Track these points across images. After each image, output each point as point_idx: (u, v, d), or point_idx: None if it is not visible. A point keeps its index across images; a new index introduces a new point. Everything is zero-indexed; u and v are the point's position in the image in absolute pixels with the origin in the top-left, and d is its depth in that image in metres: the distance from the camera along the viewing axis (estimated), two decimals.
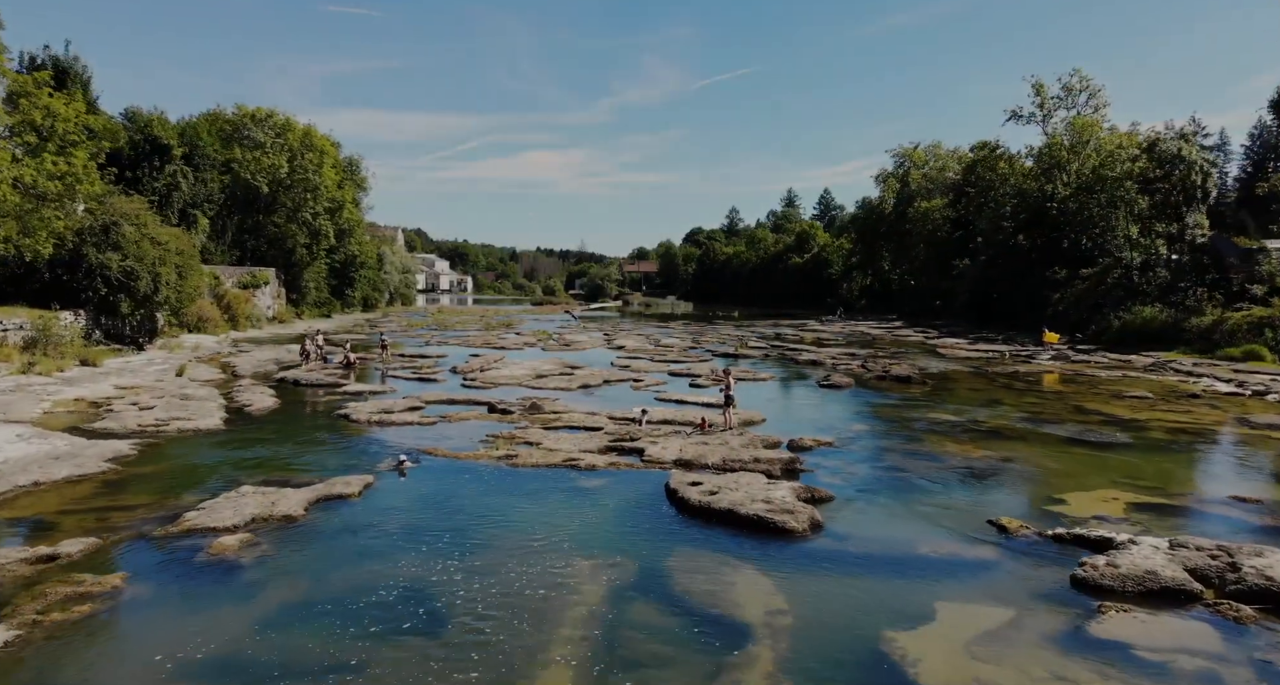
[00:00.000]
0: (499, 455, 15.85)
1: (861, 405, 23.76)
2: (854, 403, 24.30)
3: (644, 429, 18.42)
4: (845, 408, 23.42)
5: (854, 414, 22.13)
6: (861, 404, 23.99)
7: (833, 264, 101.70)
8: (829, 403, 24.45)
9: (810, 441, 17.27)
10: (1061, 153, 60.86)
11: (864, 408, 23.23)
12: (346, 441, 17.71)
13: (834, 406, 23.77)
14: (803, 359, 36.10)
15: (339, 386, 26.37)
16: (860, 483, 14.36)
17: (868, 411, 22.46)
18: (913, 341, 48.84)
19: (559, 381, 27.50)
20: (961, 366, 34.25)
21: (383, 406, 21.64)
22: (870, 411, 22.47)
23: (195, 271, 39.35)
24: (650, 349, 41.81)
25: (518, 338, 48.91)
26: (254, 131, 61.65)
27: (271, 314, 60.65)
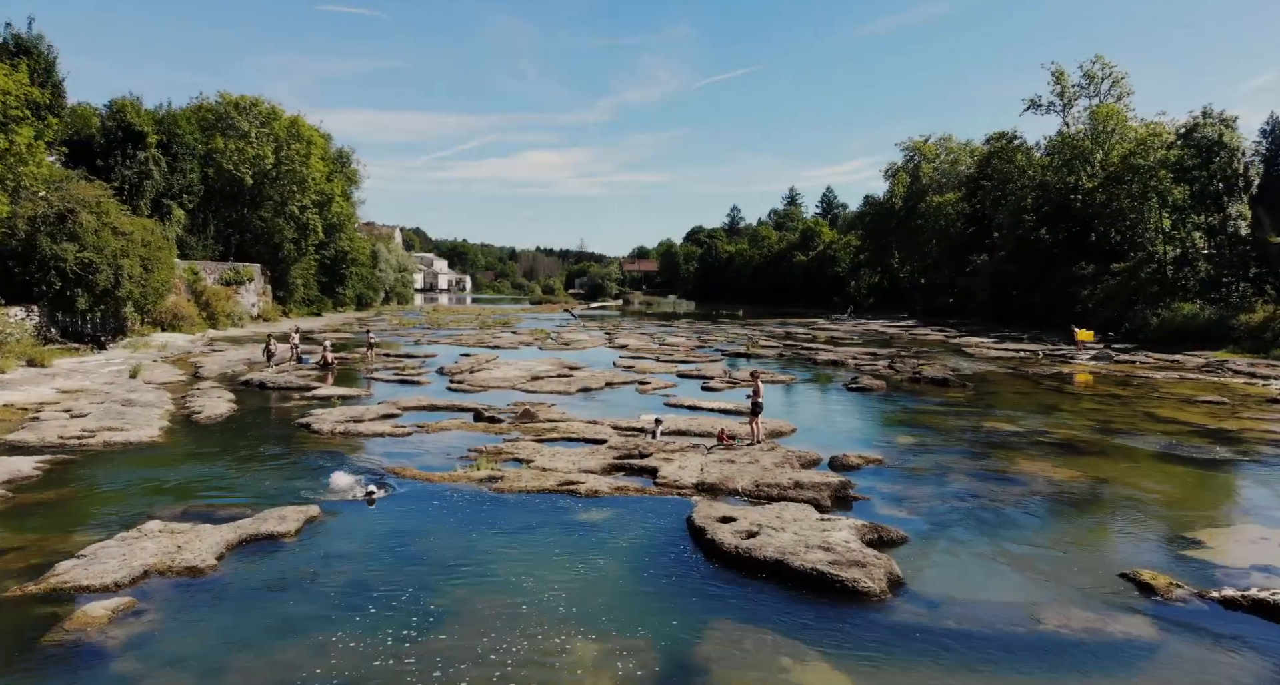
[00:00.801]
0: (481, 477, 12.95)
1: (900, 412, 20.85)
2: (890, 409, 21.40)
3: (657, 442, 15.52)
4: (882, 415, 20.51)
5: (895, 423, 19.22)
6: (900, 410, 21.08)
7: (839, 261, 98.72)
8: (862, 409, 21.56)
9: (856, 459, 14.35)
10: (1085, 142, 58.00)
11: (904, 415, 20.32)
12: (299, 458, 14.80)
13: (869, 413, 20.87)
14: (821, 359, 33.19)
15: (309, 390, 23.47)
16: (932, 515, 11.45)
17: (910, 420, 19.55)
18: (933, 340, 45.93)
19: (556, 384, 24.61)
20: (995, 367, 31.34)
21: (352, 414, 18.74)
22: (912, 419, 19.56)
23: (164, 265, 36.45)
24: (655, 348, 38.92)
25: (514, 337, 46.00)
26: (238, 120, 58.66)
27: (256, 312, 57.77)
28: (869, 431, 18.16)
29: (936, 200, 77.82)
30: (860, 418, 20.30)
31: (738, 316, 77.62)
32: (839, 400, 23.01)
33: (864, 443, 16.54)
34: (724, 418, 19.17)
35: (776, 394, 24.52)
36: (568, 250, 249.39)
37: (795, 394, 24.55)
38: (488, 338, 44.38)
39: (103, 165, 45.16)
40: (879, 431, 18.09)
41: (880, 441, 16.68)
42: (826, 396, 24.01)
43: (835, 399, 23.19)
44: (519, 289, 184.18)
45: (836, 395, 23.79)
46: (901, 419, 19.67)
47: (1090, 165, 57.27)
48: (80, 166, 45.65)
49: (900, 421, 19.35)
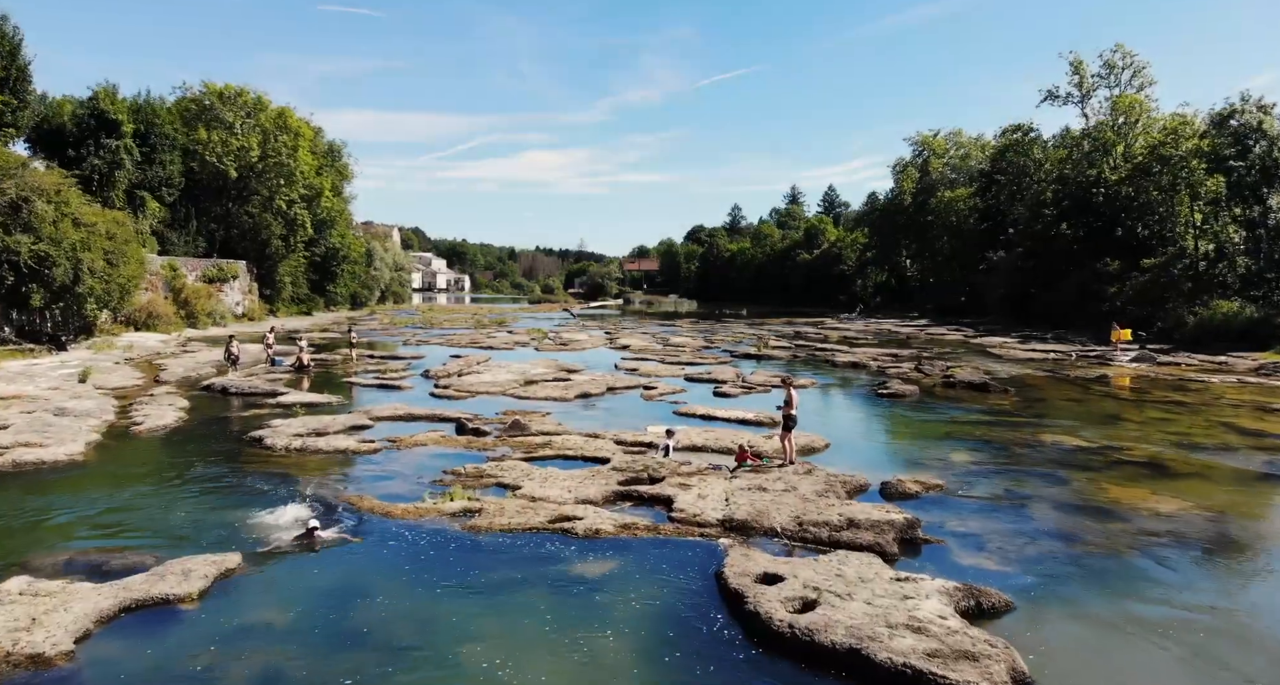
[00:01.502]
0: (454, 510, 10.43)
1: (943, 422, 18.33)
2: (931, 418, 18.89)
3: (670, 461, 13.00)
4: (924, 426, 17.98)
5: (942, 436, 16.70)
6: (942, 420, 18.56)
7: (845, 260, 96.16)
8: (899, 419, 19.04)
9: (913, 484, 11.83)
10: (1107, 133, 55.49)
11: (949, 426, 17.80)
12: (239, 482, 12.28)
13: (908, 424, 18.35)
14: (840, 361, 30.66)
15: (276, 396, 20.96)
16: (1029, 564, 8.94)
17: (958, 432, 17.03)
18: (951, 341, 43.43)
19: (552, 389, 22.08)
20: (1029, 370, 28.83)
21: (314, 426, 16.22)
22: (961, 432, 17.04)
23: (132, 259, 33.93)
24: (659, 349, 36.41)
25: (509, 337, 43.49)
26: (222, 111, 56.13)
27: (241, 311, 55.28)
28: (914, 447, 15.64)
29: (948, 196, 75.27)
30: (899, 429, 17.78)
31: (741, 316, 75.14)
32: (870, 408, 20.48)
33: (913, 462, 14.03)
34: (743, 430, 16.66)
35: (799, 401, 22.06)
36: (567, 250, 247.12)
37: (820, 400, 22.04)
38: (481, 338, 41.88)
39: (74, 155, 42.72)
40: (926, 447, 15.57)
41: (932, 460, 14.15)
42: (855, 403, 21.48)
43: (866, 407, 20.66)
44: (518, 289, 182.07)
45: (866, 402, 21.26)
46: (948, 431, 17.14)
47: (1112, 157, 54.77)
48: (53, 157, 43.49)
49: (947, 434, 16.82)
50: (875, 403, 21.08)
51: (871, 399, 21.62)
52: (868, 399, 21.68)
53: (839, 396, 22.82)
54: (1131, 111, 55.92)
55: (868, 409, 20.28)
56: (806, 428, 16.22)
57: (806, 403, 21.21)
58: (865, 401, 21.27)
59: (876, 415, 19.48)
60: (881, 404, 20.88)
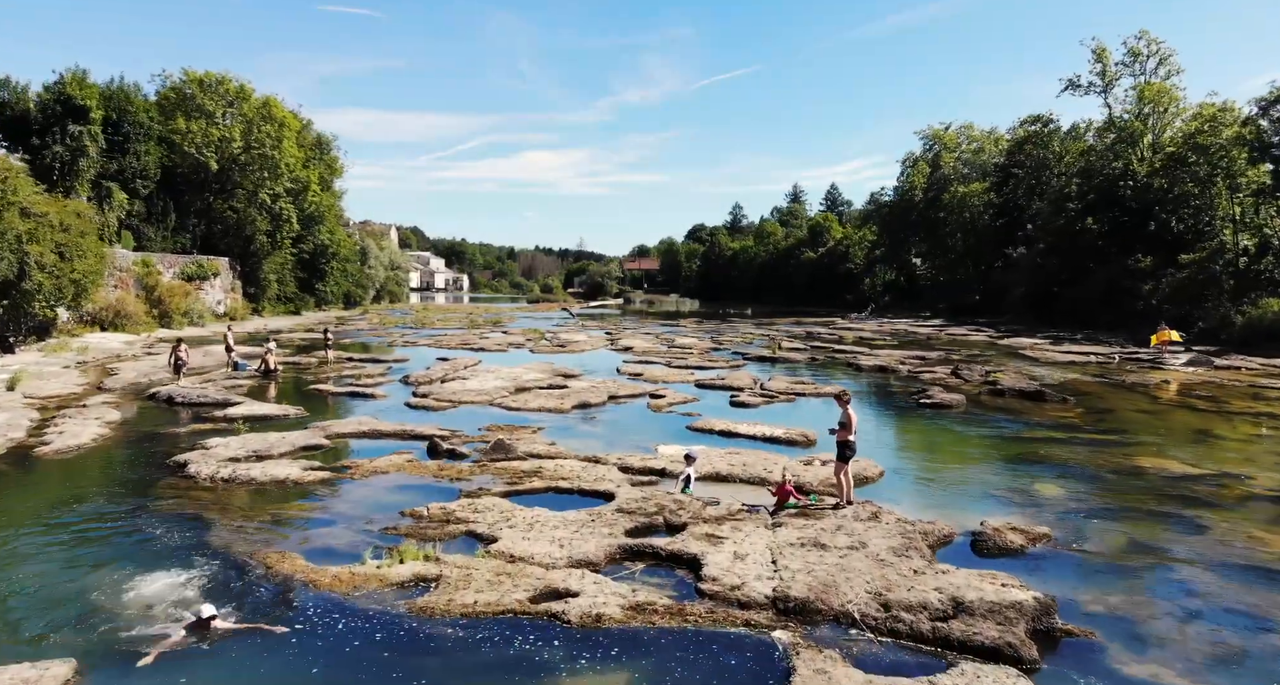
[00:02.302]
0: (403, 577, 7.63)
1: (1007, 439, 15.54)
2: (990, 434, 16.09)
3: (691, 497, 10.18)
4: (987, 445, 15.17)
5: (1014, 458, 13.89)
6: (1005, 437, 15.76)
7: (852, 258, 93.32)
8: (954, 435, 16.23)
9: (1012, 534, 9.03)
10: (1134, 123, 52.72)
11: (1016, 444, 15.01)
12: (132, 529, 9.48)
13: (967, 442, 15.54)
14: (865, 364, 27.83)
15: (227, 406, 18.15)
16: (1231, 674, 6.13)
17: (1030, 453, 14.22)
18: (976, 342, 40.62)
19: (546, 399, 19.26)
20: (1076, 375, 26.02)
21: (258, 446, 13.42)
22: (1034, 452, 14.24)
23: (89, 254, 31.09)
24: (664, 351, 33.61)
25: (503, 337, 40.70)
26: (202, 100, 53.29)
27: (223, 310, 52.45)
28: (987, 474, 12.82)
29: (961, 191, 72.42)
30: (959, 450, 14.96)
31: (746, 315, 72.32)
32: (916, 422, 17.65)
33: (993, 497, 11.23)
34: (773, 451, 13.86)
35: (828, 410, 19.23)
36: (567, 250, 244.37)
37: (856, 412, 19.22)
38: (474, 339, 39.08)
39: (39, 143, 39.98)
40: (1000, 473, 12.77)
41: (1015, 494, 11.36)
42: (897, 416, 18.62)
43: (910, 420, 17.82)
44: (517, 288, 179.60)
45: (909, 414, 18.42)
46: (1019, 452, 14.33)
47: (1140, 148, 52.01)
48: (18, 146, 40.74)
49: (1020, 456, 14.01)
50: (919, 415, 18.26)
51: (914, 410, 18.79)
52: (910, 410, 18.83)
53: (876, 407, 19.98)
54: (1160, 100, 53.12)
55: (913, 423, 17.45)
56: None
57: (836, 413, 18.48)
58: (908, 414, 18.42)
59: (926, 431, 16.65)
60: (926, 416, 18.06)
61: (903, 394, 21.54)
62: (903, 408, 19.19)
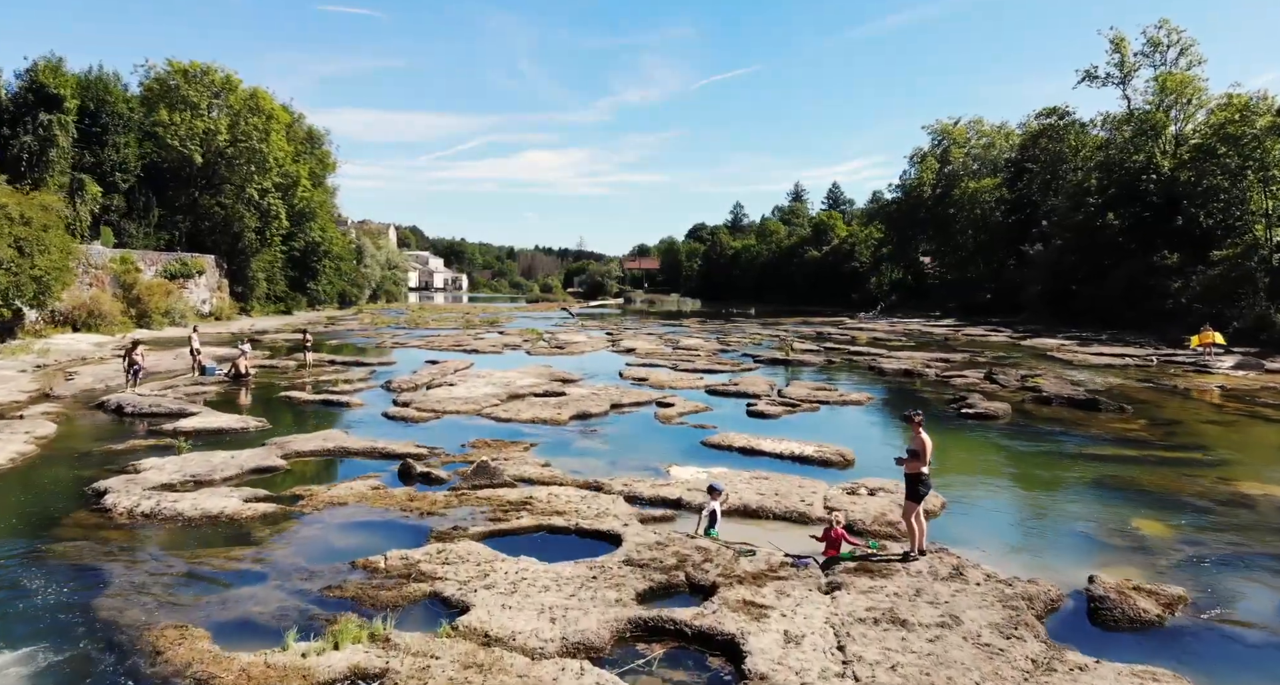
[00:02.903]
0: (336, 674, 5.55)
1: (1073, 458, 13.46)
2: (1052, 452, 14.03)
3: (718, 544, 8.08)
4: (1052, 465, 13.09)
5: (1090, 483, 11.81)
6: (1070, 455, 13.69)
7: (858, 256, 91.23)
8: (1010, 452, 14.16)
9: (1136, 596, 6.95)
10: (1157, 115, 50.64)
11: (1087, 465, 12.94)
12: (6, 584, 7.40)
13: (1029, 462, 13.46)
14: (889, 368, 25.74)
15: (182, 416, 16.10)
16: None
17: (1108, 476, 12.14)
18: (997, 343, 38.54)
19: (541, 409, 17.17)
20: (1118, 379, 23.95)
21: (199, 469, 11.35)
22: (1110, 476, 12.16)
23: (53, 249, 29.00)
24: (668, 353, 31.55)
25: (499, 338, 38.63)
26: (186, 91, 51.18)
27: (208, 309, 50.41)
28: (1066, 503, 10.76)
29: (972, 186, 70.29)
30: (1023, 472, 12.88)
31: (750, 315, 70.19)
32: (961, 436, 15.54)
33: (1084, 536, 9.18)
34: (806, 473, 11.78)
35: (860, 421, 17.17)
36: (567, 249, 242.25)
37: (892, 424, 17.17)
38: (468, 340, 37.01)
39: (8, 133, 37.94)
40: (1084, 503, 10.69)
41: (1113, 532, 9.30)
42: (938, 428, 16.38)
43: (955, 434, 15.70)
44: (516, 288, 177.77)
45: (951, 426, 16.31)
46: (1093, 474, 12.25)
47: (1163, 141, 49.97)
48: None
49: (1096, 479, 11.92)
50: (962, 427, 16.17)
51: (954, 421, 16.70)
52: (950, 421, 16.74)
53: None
54: (1182, 91, 51.01)
55: (958, 437, 15.34)
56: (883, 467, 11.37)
57: (871, 423, 16.42)
58: (949, 426, 16.32)
59: (976, 446, 14.56)
60: (972, 429, 15.98)
61: (936, 401, 19.46)
62: (942, 418, 17.10)
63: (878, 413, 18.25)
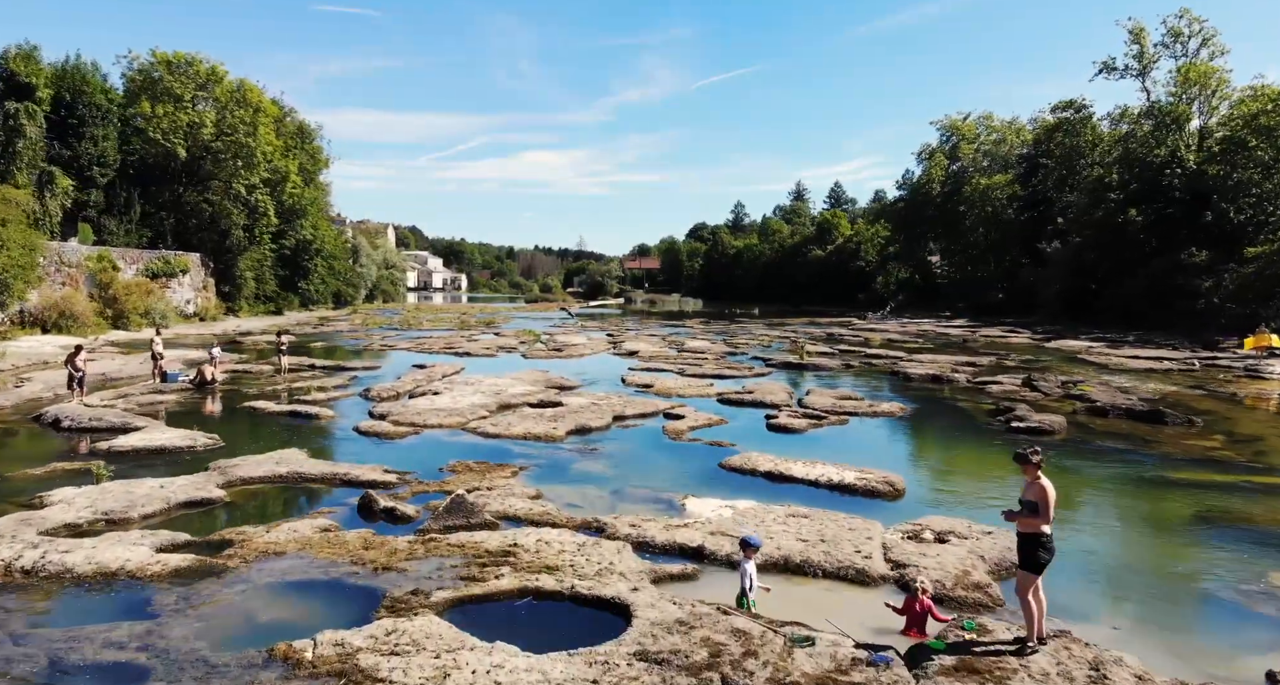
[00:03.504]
0: None
1: (1159, 488, 11.45)
2: (1127, 478, 12.03)
3: (768, 635, 6.05)
4: (1139, 496, 11.07)
5: (1194, 521, 9.81)
6: (1153, 483, 11.68)
7: (863, 255, 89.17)
8: (1078, 478, 12.12)
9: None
10: (1181, 107, 48.65)
11: (1180, 497, 10.93)
12: None
13: (1106, 490, 11.46)
14: (915, 373, 23.70)
15: (126, 431, 14.12)
16: None
17: (1213, 512, 10.14)
18: (1019, 345, 36.53)
19: (534, 422, 15.15)
20: (1166, 384, 21.95)
21: (117, 503, 9.35)
22: (1217, 511, 10.16)
23: (13, 245, 27.03)
24: (673, 356, 29.57)
25: (494, 340, 36.63)
26: (170, 82, 49.15)
27: (193, 310, 48.43)
28: (1174, 550, 8.76)
29: (983, 183, 68.26)
30: (1106, 502, 10.89)
31: (754, 316, 68.16)
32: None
33: (1213, 596, 7.20)
34: (850, 505, 9.77)
35: (891, 436, 15.16)
36: (566, 249, 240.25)
37: (934, 440, 15.15)
38: (461, 342, 35.02)
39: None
40: (1196, 547, 8.71)
41: (1250, 591, 7.31)
42: (987, 446, 14.41)
43: (1007, 453, 13.71)
44: (516, 288, 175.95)
45: (1000, 443, 14.28)
46: (1190, 506, 10.24)
47: (1186, 134, 47.98)
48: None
49: (1198, 515, 9.92)
50: (1015, 444, 14.13)
51: (1004, 437, 14.67)
52: (999, 436, 14.72)
53: (952, 432, 15.85)
54: (1205, 82, 49.01)
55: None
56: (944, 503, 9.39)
57: (905, 439, 14.40)
58: (999, 442, 14.31)
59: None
60: (1024, 447, 13.94)
61: (975, 410, 17.48)
62: (987, 433, 15.08)
63: (915, 426, 16.20)
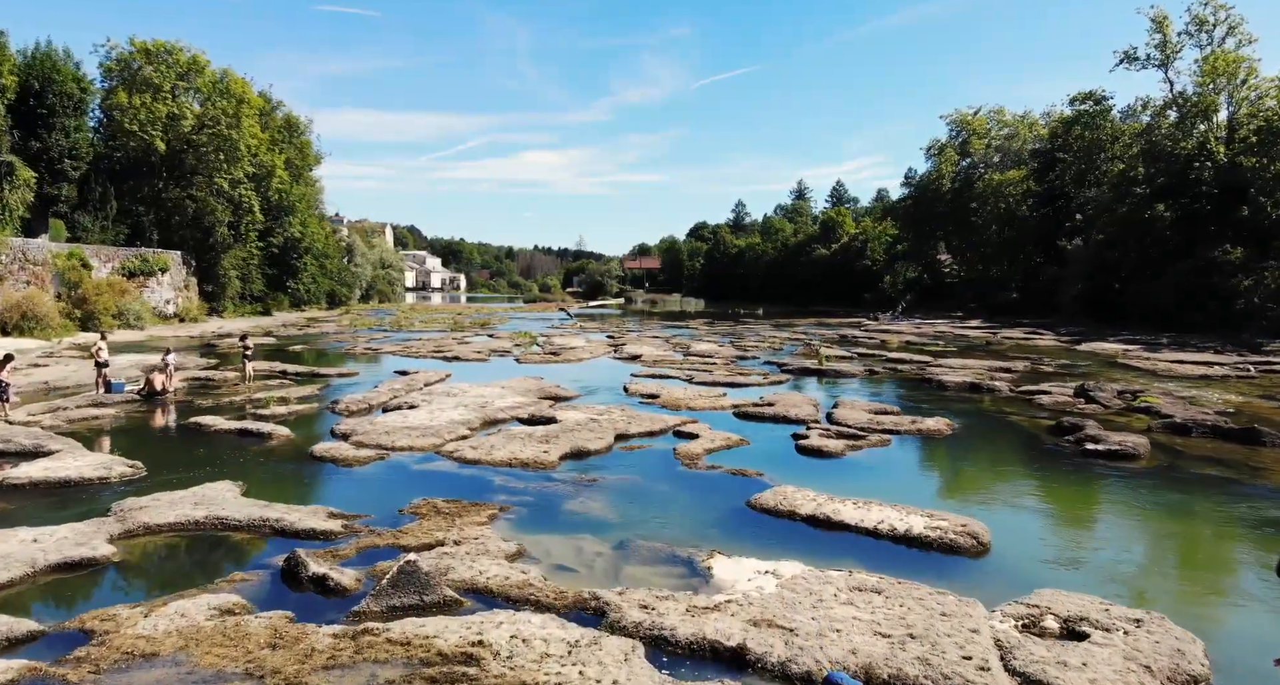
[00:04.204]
0: None
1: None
2: (1255, 518, 9.69)
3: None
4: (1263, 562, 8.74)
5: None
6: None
7: (870, 254, 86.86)
8: (1190, 519, 9.81)
9: None
10: (1209, 97, 46.39)
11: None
12: None
13: (1239, 541, 9.11)
14: (949, 381, 21.37)
15: (33, 456, 11.82)
16: None
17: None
18: (1047, 347, 34.22)
19: (522, 444, 12.82)
20: (1232, 394, 19.63)
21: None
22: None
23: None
24: (679, 361, 27.28)
25: (487, 343, 34.35)
26: (148, 71, 46.83)
27: (173, 310, 46.17)
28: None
29: (997, 179, 65.94)
30: (1242, 558, 8.56)
31: (759, 316, 65.84)
32: (1101, 489, 11.18)
33: None
34: (924, 569, 7.46)
35: (951, 463, 12.86)
36: (566, 249, 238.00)
37: (992, 467, 12.81)
38: (451, 345, 32.73)
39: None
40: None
41: None
42: (1066, 479, 12.03)
43: (1089, 486, 11.33)
44: (515, 288, 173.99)
45: (1074, 470, 11.95)
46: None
47: (1215, 125, 45.73)
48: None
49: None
50: (1092, 473, 11.80)
51: (1077, 462, 12.34)
52: (1069, 462, 12.38)
53: (1019, 455, 13.50)
54: (1234, 72, 46.75)
55: (1102, 492, 10.98)
56: (1036, 556, 7.06)
57: (970, 470, 12.08)
58: (1072, 469, 11.97)
59: (1139, 512, 10.16)
60: (1108, 477, 11.61)
61: (1030, 425, 15.17)
62: (1058, 457, 12.75)
63: (969, 449, 13.84)
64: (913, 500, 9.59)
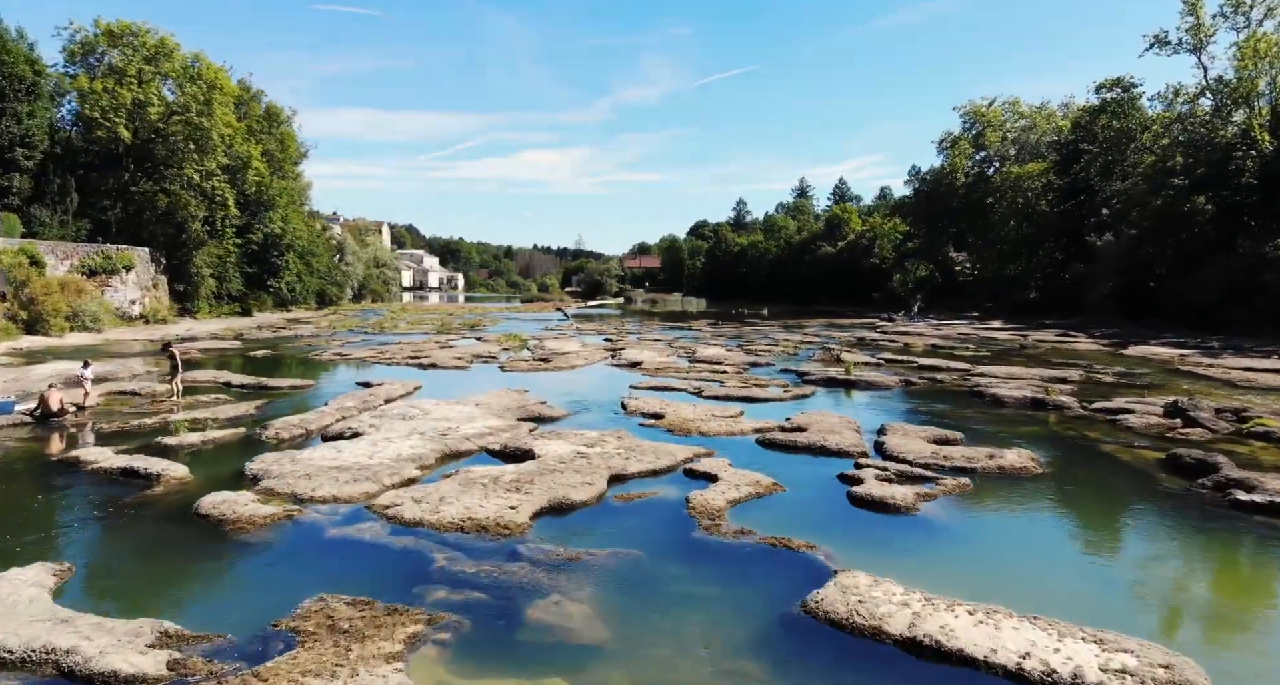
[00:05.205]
0: None
1: None
2: None
3: None
4: None
5: None
6: None
7: (879, 252, 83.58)
8: None
9: None
10: (1249, 82, 43.20)
11: None
12: None
13: None
14: (1006, 396, 18.12)
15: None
16: None
17: None
18: (1089, 352, 30.97)
19: (483, 494, 9.57)
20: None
21: None
22: None
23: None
24: (684, 368, 24.10)
25: (472, 347, 31.16)
26: (112, 55, 43.60)
27: (139, 311, 42.96)
28: None
29: (1015, 172, 62.69)
30: None
31: (763, 316, 62.64)
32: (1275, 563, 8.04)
33: None
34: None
35: (1063, 527, 9.65)
36: (565, 248, 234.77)
37: (1119, 533, 9.59)
38: (432, 349, 29.57)
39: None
40: None
41: None
42: (1202, 538, 8.81)
43: (1258, 560, 8.20)
44: (514, 287, 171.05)
45: (1228, 534, 8.78)
46: None
47: (1258, 111, 42.53)
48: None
49: None
50: (1252, 537, 8.62)
51: (1227, 521, 9.13)
52: (1218, 520, 9.19)
53: (1148, 510, 10.24)
54: (1276, 55, 43.55)
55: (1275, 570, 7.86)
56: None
57: (1093, 539, 8.85)
58: (1238, 536, 8.80)
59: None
60: (1275, 543, 8.44)
61: (1139, 462, 11.95)
62: (1197, 512, 9.53)
63: (1077, 500, 10.55)
64: (1052, 601, 6.39)
